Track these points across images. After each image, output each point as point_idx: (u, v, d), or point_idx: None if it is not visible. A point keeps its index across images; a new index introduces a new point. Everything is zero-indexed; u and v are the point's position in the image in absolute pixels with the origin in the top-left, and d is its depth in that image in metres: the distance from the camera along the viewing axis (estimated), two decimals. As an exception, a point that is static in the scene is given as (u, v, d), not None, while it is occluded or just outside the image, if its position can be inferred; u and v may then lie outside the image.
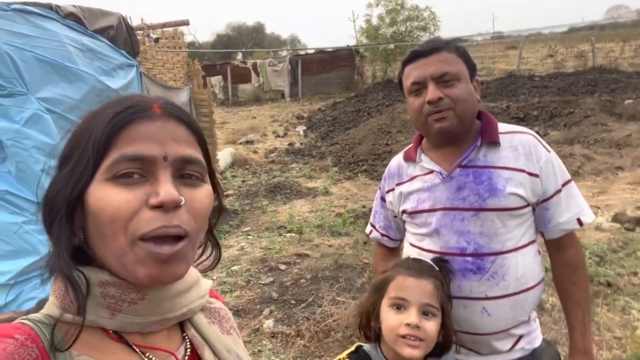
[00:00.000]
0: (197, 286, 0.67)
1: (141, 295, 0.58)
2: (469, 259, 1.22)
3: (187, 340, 0.66)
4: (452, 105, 1.19)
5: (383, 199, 1.47)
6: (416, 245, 1.32)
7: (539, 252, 1.30)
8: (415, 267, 1.16)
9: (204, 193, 0.60)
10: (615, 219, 4.61)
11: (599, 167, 6.41)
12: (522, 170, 1.21)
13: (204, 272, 0.70)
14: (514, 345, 1.27)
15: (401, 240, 1.49)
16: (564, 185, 1.24)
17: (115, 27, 3.85)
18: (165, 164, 0.57)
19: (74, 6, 3.43)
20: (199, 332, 0.67)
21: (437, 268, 1.19)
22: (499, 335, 1.25)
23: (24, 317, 0.56)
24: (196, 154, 0.61)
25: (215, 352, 0.66)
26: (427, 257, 1.25)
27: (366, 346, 1.21)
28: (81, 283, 0.55)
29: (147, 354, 0.59)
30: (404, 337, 1.08)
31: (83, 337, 0.55)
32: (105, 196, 0.54)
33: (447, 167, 1.26)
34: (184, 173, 0.59)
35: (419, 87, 1.23)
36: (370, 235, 1.56)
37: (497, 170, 1.22)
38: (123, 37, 3.99)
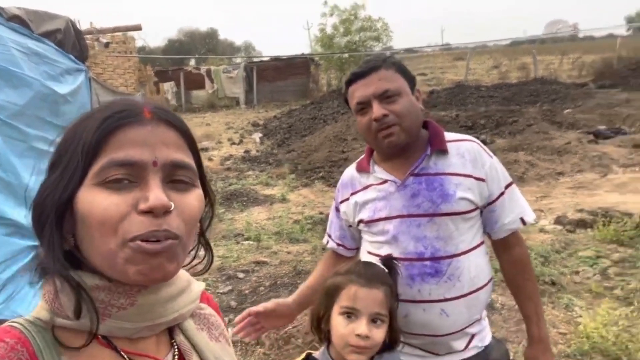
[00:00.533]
0: (189, 290, 0.66)
1: (131, 300, 0.58)
2: (427, 263, 1.26)
3: (175, 346, 0.65)
4: (397, 120, 1.26)
5: (337, 209, 1.50)
6: (374, 252, 1.35)
7: (487, 253, 1.38)
8: (367, 275, 1.18)
9: (194, 197, 0.60)
10: (558, 221, 4.88)
11: (542, 172, 6.78)
12: (470, 176, 1.29)
13: (196, 275, 0.69)
14: (468, 343, 1.33)
15: (357, 249, 1.51)
16: (506, 187, 1.33)
17: (62, 30, 3.70)
18: (155, 169, 0.56)
19: (19, 8, 3.28)
20: (187, 338, 0.66)
21: (386, 271, 1.23)
22: (456, 335, 1.30)
23: (13, 320, 0.56)
24: (186, 158, 0.61)
25: (202, 359, 0.66)
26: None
27: (316, 353, 1.24)
28: (81, 282, 0.55)
29: None
30: (352, 345, 1.13)
31: (72, 342, 0.55)
32: (94, 200, 0.54)
33: (400, 177, 1.31)
34: (174, 178, 0.59)
35: (364, 106, 1.29)
36: (327, 245, 1.59)
37: (447, 177, 1.28)
38: (71, 41, 3.84)
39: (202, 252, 0.69)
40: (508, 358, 1.48)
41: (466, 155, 1.31)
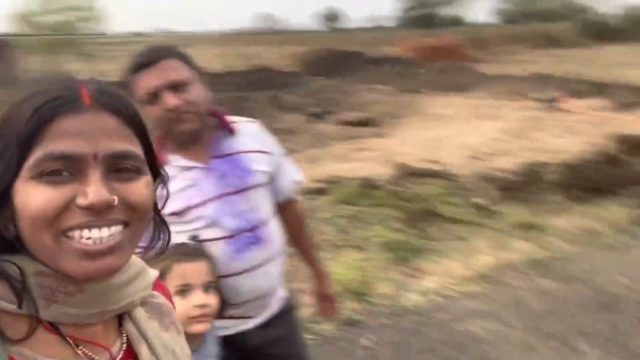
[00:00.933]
0: (141, 277, 0.62)
1: (79, 287, 0.54)
2: (249, 234, 1.36)
3: (124, 334, 0.62)
4: (190, 108, 1.28)
5: None
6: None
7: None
8: (188, 252, 1.22)
9: (142, 185, 0.56)
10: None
11: (279, 151, 7.55)
12: (260, 151, 1.43)
13: (153, 259, 0.67)
14: (277, 297, 1.51)
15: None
16: (280, 165, 1.52)
17: None
18: (95, 163, 0.52)
19: None
20: (137, 327, 0.62)
21: (196, 243, 1.29)
22: (273, 292, 1.47)
23: None
24: (130, 147, 0.56)
25: (151, 349, 0.62)
26: (216, 249, 1.31)
27: None
28: (12, 272, 0.52)
29: (81, 347, 0.56)
30: (194, 317, 1.18)
31: (16, 327, 0.52)
32: (29, 194, 0.51)
33: (204, 161, 1.35)
34: (118, 167, 0.54)
35: (153, 96, 1.27)
36: None
37: (244, 154, 1.40)
38: None
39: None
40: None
41: (254, 134, 1.46)
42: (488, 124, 8.30)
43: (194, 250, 1.24)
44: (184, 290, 1.18)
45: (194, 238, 1.29)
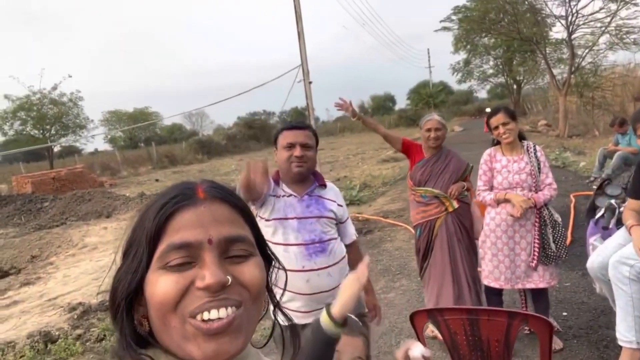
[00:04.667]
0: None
1: None
2: (318, 245, 2.07)
3: None
4: (307, 160, 2.08)
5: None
6: (279, 242, 2.06)
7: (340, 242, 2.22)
8: (350, 326, 1.27)
9: (252, 265, 0.62)
10: None
11: None
12: (334, 201, 2.19)
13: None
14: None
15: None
16: (348, 216, 2.29)
17: None
18: (210, 247, 0.59)
19: None
20: None
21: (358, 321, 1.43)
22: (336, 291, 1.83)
23: None
24: (241, 231, 0.63)
25: None
26: (294, 250, 2.04)
27: None
28: None
29: None
30: None
31: None
32: (156, 282, 0.58)
33: (300, 194, 2.12)
34: (230, 253, 0.60)
35: (291, 146, 2.07)
36: None
37: (325, 199, 2.16)
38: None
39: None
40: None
41: (334, 191, 2.24)
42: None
43: (355, 326, 1.36)
44: None
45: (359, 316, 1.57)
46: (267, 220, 2.09)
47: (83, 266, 7.21)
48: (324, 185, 2.19)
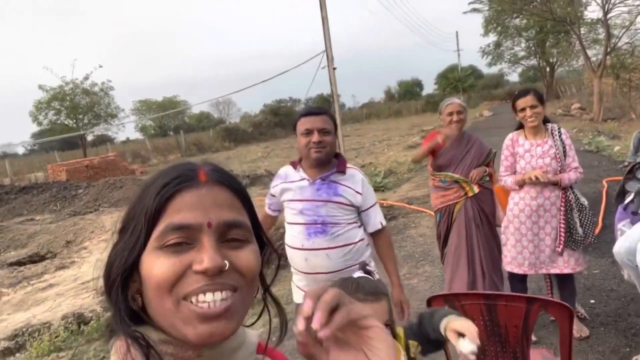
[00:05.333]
0: (247, 342, 0.68)
1: (197, 352, 0.61)
2: (319, 226, 2.09)
3: None
4: (325, 146, 2.08)
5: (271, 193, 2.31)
6: (289, 222, 2.19)
7: (360, 228, 2.20)
8: (372, 292, 1.29)
9: (249, 251, 0.63)
10: None
11: None
12: (351, 188, 2.13)
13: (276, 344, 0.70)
14: None
15: (280, 211, 2.33)
16: (373, 204, 2.21)
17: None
18: (209, 231, 0.59)
19: None
20: None
21: (380, 282, 1.40)
22: (336, 274, 2.03)
23: None
24: (239, 217, 0.63)
25: None
26: (298, 229, 2.13)
27: None
28: (148, 338, 0.58)
29: None
30: None
31: None
32: (154, 263, 0.58)
33: (312, 178, 2.14)
34: (228, 237, 0.61)
35: (309, 132, 2.09)
36: (265, 208, 2.38)
37: (340, 185, 2.13)
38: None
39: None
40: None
41: (354, 177, 2.17)
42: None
43: (376, 289, 1.31)
44: None
45: (364, 266, 1.47)
46: (281, 200, 2.24)
47: (114, 251, 7.45)
48: (342, 172, 2.16)
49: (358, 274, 1.44)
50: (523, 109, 2.97)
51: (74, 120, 27.63)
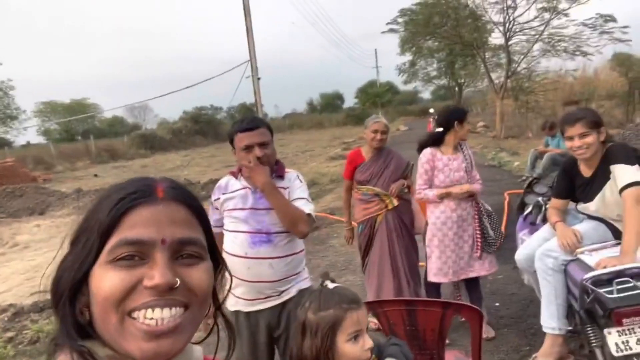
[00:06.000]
0: (193, 359, 0.67)
1: None
2: (263, 235, 2.07)
3: None
4: (267, 159, 2.07)
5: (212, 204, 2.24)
6: (231, 230, 2.13)
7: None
8: (354, 300, 1.33)
9: (202, 270, 0.62)
10: None
11: None
12: (286, 189, 2.14)
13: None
14: (288, 289, 2.14)
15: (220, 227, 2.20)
16: (302, 198, 2.14)
17: None
18: (163, 247, 0.59)
19: None
20: None
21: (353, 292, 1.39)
22: (279, 283, 2.10)
23: None
24: (194, 234, 0.63)
25: None
26: (241, 237, 2.08)
27: None
28: (94, 353, 0.57)
29: None
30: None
31: None
32: (103, 277, 0.57)
33: (254, 186, 2.10)
34: (182, 253, 0.61)
35: (249, 148, 2.06)
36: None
37: (279, 188, 2.10)
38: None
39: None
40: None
41: (291, 179, 2.19)
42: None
43: (355, 296, 1.35)
44: (356, 335, 1.28)
45: (326, 276, 1.43)
46: (222, 211, 2.18)
47: (14, 266, 6.80)
48: (281, 177, 2.17)
49: (330, 284, 1.43)
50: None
51: (-35, 122, 24.89)
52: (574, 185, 2.75)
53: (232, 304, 2.21)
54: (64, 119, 39.22)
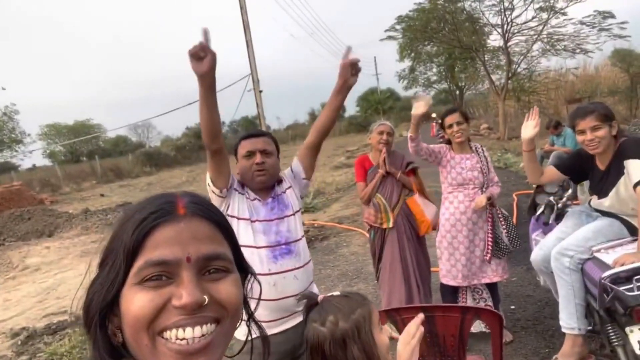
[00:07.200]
0: None
1: None
2: (284, 247, 1.98)
3: None
4: (268, 167, 2.02)
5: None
6: (249, 244, 1.94)
7: None
8: (360, 296, 1.38)
9: (229, 283, 0.62)
10: None
11: None
12: (290, 186, 2.11)
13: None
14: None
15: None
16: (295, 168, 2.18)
17: None
18: (188, 265, 0.58)
19: None
20: None
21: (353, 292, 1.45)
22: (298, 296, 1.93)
23: None
24: (219, 248, 0.63)
25: None
26: (259, 253, 1.93)
27: None
28: None
29: None
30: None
31: None
32: (132, 299, 0.57)
33: (264, 198, 2.05)
34: (209, 269, 0.60)
35: (250, 154, 2.02)
36: None
37: (283, 195, 2.07)
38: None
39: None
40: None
41: (288, 174, 2.16)
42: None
43: (360, 293, 1.41)
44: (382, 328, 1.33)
45: (308, 297, 1.42)
46: (238, 219, 1.99)
47: (25, 289, 6.79)
48: (281, 181, 2.12)
49: (333, 293, 1.44)
50: (450, 125, 3.23)
51: (-28, 147, 25.14)
52: (581, 170, 2.77)
53: (243, 333, 2.05)
54: (68, 141, 39.52)
